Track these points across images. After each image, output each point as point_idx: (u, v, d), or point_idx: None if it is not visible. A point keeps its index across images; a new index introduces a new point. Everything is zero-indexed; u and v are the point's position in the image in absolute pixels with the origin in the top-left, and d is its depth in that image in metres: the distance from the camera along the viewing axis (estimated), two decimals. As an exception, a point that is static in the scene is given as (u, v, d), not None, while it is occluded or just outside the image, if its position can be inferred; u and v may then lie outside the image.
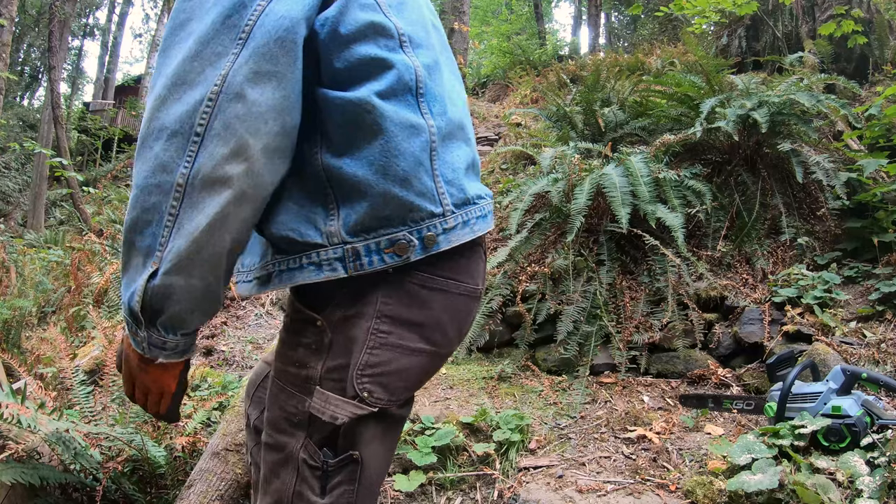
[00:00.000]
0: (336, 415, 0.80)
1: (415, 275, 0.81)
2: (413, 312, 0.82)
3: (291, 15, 0.69)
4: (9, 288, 4.58)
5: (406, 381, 0.84)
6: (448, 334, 0.86)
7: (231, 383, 2.67)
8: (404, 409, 0.90)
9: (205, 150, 0.66)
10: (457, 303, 0.85)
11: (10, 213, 15.75)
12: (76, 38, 23.11)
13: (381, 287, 0.80)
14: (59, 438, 1.58)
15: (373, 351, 0.80)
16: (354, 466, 0.83)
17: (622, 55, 6.95)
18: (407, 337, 0.82)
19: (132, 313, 0.71)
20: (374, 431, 0.84)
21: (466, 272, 0.87)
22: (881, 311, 2.48)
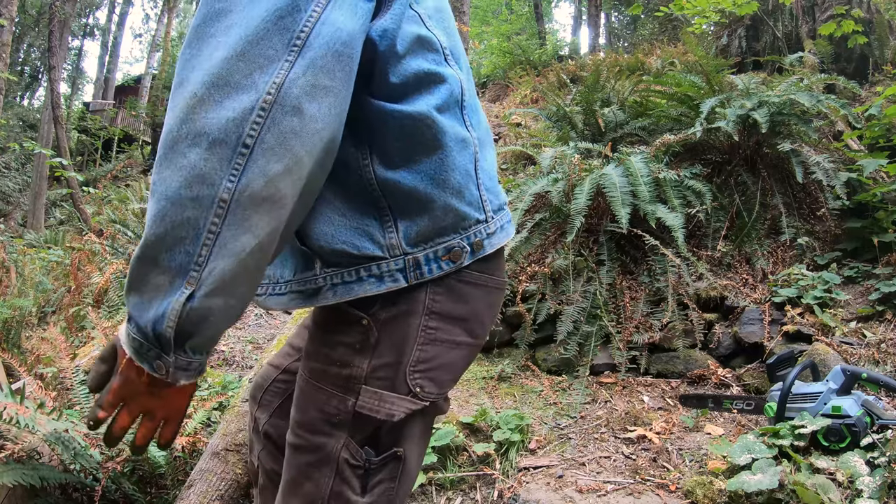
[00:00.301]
0: (392, 412, 0.80)
1: (458, 272, 0.83)
2: (458, 308, 0.84)
3: (349, 27, 0.65)
4: (9, 288, 4.58)
5: (453, 373, 0.87)
6: (486, 325, 0.90)
7: (231, 383, 2.67)
8: (444, 404, 0.93)
9: (255, 165, 0.60)
10: (492, 296, 0.89)
11: (10, 213, 15.75)
12: (76, 38, 23.12)
13: (429, 286, 0.81)
14: (59, 438, 1.58)
15: (423, 347, 0.81)
16: (397, 463, 0.84)
17: (622, 55, 6.95)
18: (453, 332, 0.84)
19: (158, 338, 0.64)
20: (419, 427, 0.86)
21: (498, 268, 0.91)
22: (881, 311, 2.48)
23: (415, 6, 0.75)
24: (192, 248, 0.61)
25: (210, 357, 0.77)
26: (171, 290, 0.62)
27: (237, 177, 0.60)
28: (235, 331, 3.64)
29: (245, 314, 3.87)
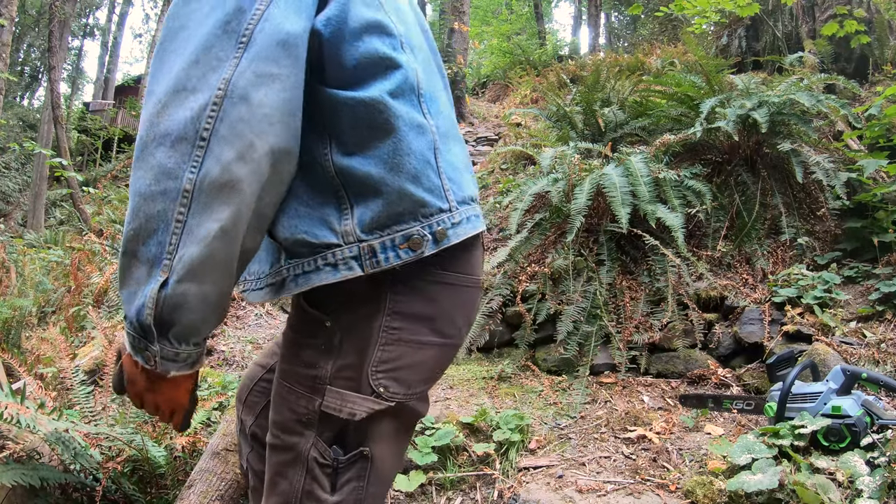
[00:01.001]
0: (354, 411, 0.81)
1: (423, 271, 0.82)
2: (423, 307, 0.83)
3: (291, 20, 0.69)
4: (9, 288, 4.58)
5: (420, 374, 0.86)
6: (458, 325, 0.89)
7: (231, 383, 2.67)
8: (421, 405, 0.91)
9: (211, 154, 0.65)
10: (463, 295, 0.88)
11: (10, 213, 15.75)
12: (76, 38, 23.12)
13: (389, 285, 0.81)
14: (59, 438, 1.58)
15: (386, 347, 0.81)
16: (364, 462, 0.84)
17: (622, 55, 6.95)
18: (418, 331, 0.83)
19: (142, 327, 0.68)
20: (388, 427, 0.86)
21: (469, 265, 0.90)
22: (881, 311, 2.48)
23: None
24: (164, 237, 0.66)
25: (204, 351, 0.77)
26: (148, 280, 0.66)
27: (197, 168, 0.65)
28: (235, 331, 3.64)
29: (245, 314, 3.87)
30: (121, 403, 1.95)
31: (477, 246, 0.93)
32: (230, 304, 0.78)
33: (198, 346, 0.74)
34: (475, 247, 0.92)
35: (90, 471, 1.65)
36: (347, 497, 0.84)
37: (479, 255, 0.94)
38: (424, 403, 0.93)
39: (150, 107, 0.67)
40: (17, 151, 17.14)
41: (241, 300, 4.00)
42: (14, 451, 1.50)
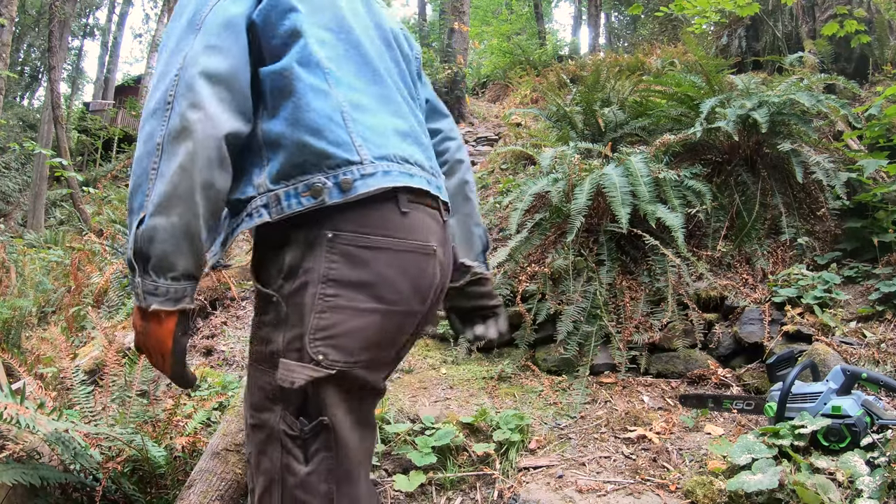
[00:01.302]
0: (293, 379, 0.85)
1: (351, 236, 0.87)
2: (357, 273, 0.87)
3: (232, 8, 0.88)
4: (9, 288, 4.58)
5: (361, 341, 0.88)
6: (401, 291, 0.90)
7: (231, 383, 2.67)
8: (372, 374, 0.92)
9: (173, 111, 0.81)
10: (403, 260, 0.91)
11: (10, 213, 15.75)
12: (76, 38, 23.11)
13: (322, 253, 0.86)
14: (59, 438, 1.58)
15: (321, 315, 0.86)
16: (328, 433, 0.88)
17: (622, 55, 6.95)
18: (355, 298, 0.87)
19: (129, 265, 0.82)
20: (340, 396, 0.89)
21: (408, 229, 0.92)
22: (881, 311, 2.48)
23: None
24: (146, 186, 0.81)
25: (187, 291, 0.82)
26: (133, 223, 0.81)
27: (165, 124, 0.82)
28: (235, 331, 3.64)
29: (245, 314, 3.87)
30: (121, 403, 1.95)
31: (420, 211, 0.96)
32: (203, 243, 0.85)
33: (176, 281, 0.82)
34: (418, 211, 0.95)
35: (90, 471, 1.65)
36: (319, 467, 0.88)
37: (424, 221, 0.96)
38: (376, 374, 0.94)
39: (148, 97, 0.86)
40: (17, 151, 17.13)
41: (241, 300, 4.00)
42: (14, 452, 1.50)
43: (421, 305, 0.95)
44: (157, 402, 1.98)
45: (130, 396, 1.93)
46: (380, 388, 0.97)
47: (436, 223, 0.99)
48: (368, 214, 0.89)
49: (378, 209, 0.90)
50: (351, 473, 0.91)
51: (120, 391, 1.97)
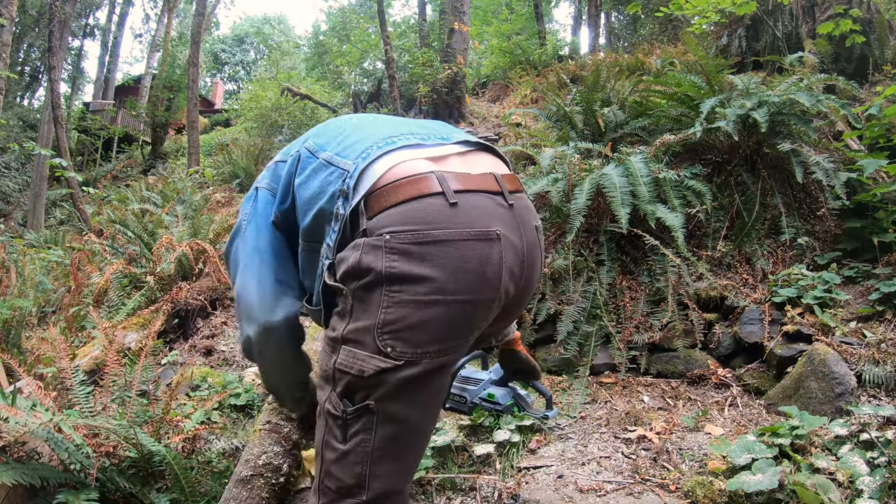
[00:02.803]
0: (363, 368, 0.93)
1: (406, 234, 0.93)
2: (417, 268, 0.91)
3: (261, 221, 1.20)
4: (9, 288, 4.58)
5: (428, 333, 0.92)
6: (463, 281, 0.93)
7: (231, 383, 2.67)
8: (444, 360, 0.96)
9: (239, 326, 1.21)
10: (462, 249, 0.93)
11: (10, 213, 15.74)
12: (76, 38, 23.08)
13: (383, 253, 0.93)
14: (51, 437, 1.58)
15: (388, 310, 0.92)
16: (370, 416, 0.94)
17: (622, 55, 6.95)
18: (417, 292, 0.91)
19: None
20: (401, 386, 0.93)
21: (462, 219, 0.95)
22: (881, 311, 2.47)
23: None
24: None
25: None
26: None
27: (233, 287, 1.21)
28: (235, 331, 3.64)
29: (245, 314, 3.86)
30: (121, 403, 1.95)
31: (472, 197, 0.98)
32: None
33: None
34: (468, 198, 0.98)
35: (89, 471, 1.64)
36: (355, 448, 0.94)
37: (477, 206, 0.98)
38: (448, 358, 0.97)
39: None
40: (17, 151, 17.12)
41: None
42: (7, 444, 1.51)
43: (492, 291, 0.97)
44: (157, 402, 1.98)
45: (130, 396, 1.93)
46: (447, 369, 1.02)
47: (497, 206, 1.01)
48: (419, 212, 0.93)
49: (427, 205, 0.94)
50: (386, 460, 0.96)
51: (120, 391, 1.97)
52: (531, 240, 1.06)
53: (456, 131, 1.17)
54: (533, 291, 1.14)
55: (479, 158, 1.11)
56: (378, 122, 1.16)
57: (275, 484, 1.72)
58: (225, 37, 34.60)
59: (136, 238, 4.35)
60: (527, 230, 1.05)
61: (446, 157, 1.06)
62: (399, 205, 0.95)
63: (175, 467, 1.69)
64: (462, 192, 0.97)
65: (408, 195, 0.95)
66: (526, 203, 1.12)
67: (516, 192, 1.10)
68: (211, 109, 21.94)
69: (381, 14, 9.65)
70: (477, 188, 1.00)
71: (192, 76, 10.37)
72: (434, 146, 1.07)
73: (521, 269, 1.03)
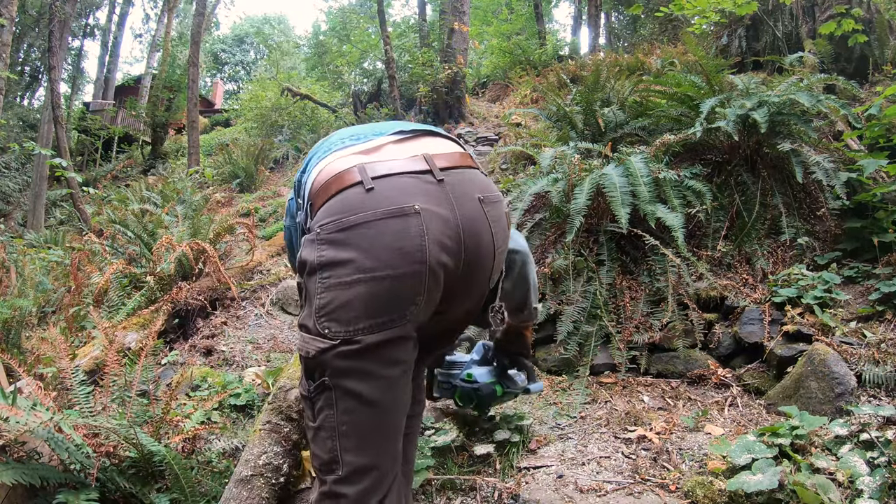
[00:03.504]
0: (308, 350, 1.02)
1: (330, 225, 1.01)
2: (339, 253, 1.00)
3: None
4: (9, 288, 4.58)
5: (356, 310, 0.99)
6: (382, 258, 0.99)
7: (231, 383, 2.67)
8: (385, 334, 1.00)
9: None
10: (375, 228, 1.00)
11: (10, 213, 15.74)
12: (76, 38, 23.06)
13: (315, 247, 1.02)
14: (51, 437, 1.58)
15: (321, 295, 1.00)
16: (329, 392, 1.01)
17: (622, 55, 6.94)
18: (341, 274, 0.99)
19: None
20: (346, 363, 0.99)
21: (377, 201, 1.01)
22: (881, 311, 2.47)
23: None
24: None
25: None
26: None
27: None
28: (235, 331, 3.64)
29: (245, 314, 3.87)
30: (121, 403, 1.95)
31: (389, 180, 1.04)
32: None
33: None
34: (386, 181, 1.04)
35: (89, 471, 1.64)
36: (323, 423, 1.02)
37: (395, 187, 1.03)
38: (389, 332, 1.01)
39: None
40: (17, 151, 17.12)
41: (241, 300, 3.99)
42: (7, 443, 1.50)
43: (416, 264, 1.00)
44: (157, 403, 1.98)
45: (130, 396, 1.93)
46: (404, 343, 1.04)
47: (422, 183, 1.06)
48: (341, 203, 1.02)
49: (347, 195, 1.03)
50: (363, 428, 1.01)
51: (120, 391, 1.97)
52: (469, 211, 1.09)
53: (402, 124, 1.22)
54: (492, 264, 1.15)
55: (415, 143, 1.16)
56: (334, 136, 1.24)
57: (275, 484, 1.72)
58: (225, 37, 34.60)
59: (136, 238, 4.35)
60: (463, 202, 1.08)
61: (379, 147, 1.13)
62: (328, 201, 1.04)
63: (175, 467, 1.69)
64: (382, 178, 1.04)
65: (333, 190, 1.04)
66: (467, 177, 1.15)
67: (454, 168, 1.13)
68: (211, 109, 21.94)
69: (381, 14, 9.65)
70: (401, 171, 1.06)
71: (192, 76, 10.37)
72: (366, 141, 1.14)
73: (458, 241, 1.06)
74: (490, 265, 1.15)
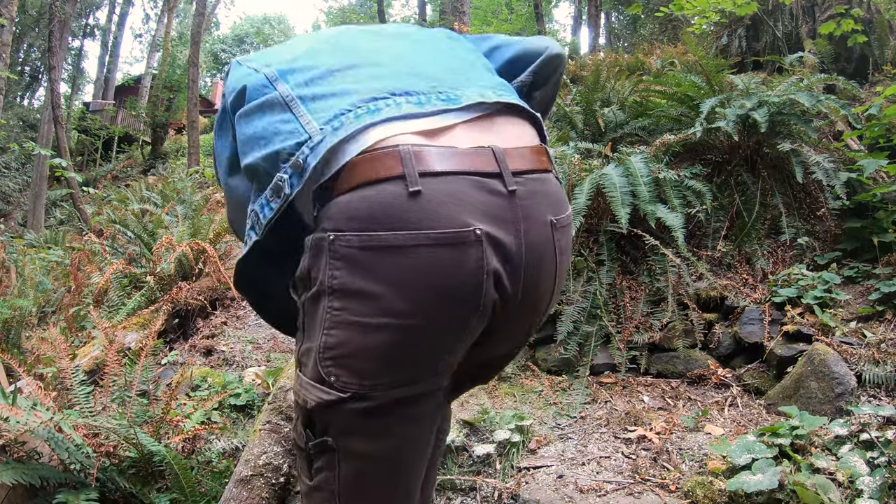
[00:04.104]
0: (307, 399, 0.78)
1: (351, 237, 0.71)
2: (363, 282, 0.71)
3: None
4: (9, 288, 4.58)
5: (373, 361, 0.73)
6: (421, 302, 0.72)
7: (231, 383, 2.67)
8: (396, 392, 0.76)
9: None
10: (417, 260, 0.70)
11: (10, 213, 15.75)
12: (76, 38, 23.07)
13: (328, 259, 0.73)
14: (52, 437, 1.58)
15: (330, 332, 0.74)
16: (332, 454, 0.79)
17: (622, 55, 6.94)
18: (361, 311, 0.72)
19: None
20: (356, 421, 0.76)
21: (422, 215, 0.71)
22: (881, 311, 2.47)
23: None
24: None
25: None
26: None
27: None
28: (235, 331, 3.64)
29: (245, 314, 3.87)
30: (121, 403, 1.95)
31: (442, 182, 0.73)
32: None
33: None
34: (437, 182, 0.72)
35: (89, 471, 1.65)
36: (322, 484, 0.81)
37: (449, 195, 0.72)
38: (413, 389, 0.77)
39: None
40: (17, 151, 17.13)
41: (241, 300, 4.00)
42: (7, 443, 1.51)
43: (465, 311, 0.74)
44: (157, 402, 1.98)
45: (130, 396, 1.93)
46: (432, 397, 0.81)
47: (485, 193, 0.74)
48: (369, 203, 0.71)
49: (380, 193, 0.71)
50: (366, 497, 0.82)
51: (120, 391, 1.97)
52: (537, 238, 0.80)
53: (474, 83, 0.86)
54: (547, 302, 0.89)
55: (485, 125, 0.82)
56: (376, 56, 0.87)
57: (275, 484, 1.72)
58: (225, 37, 34.62)
59: (136, 238, 4.35)
60: (532, 226, 0.78)
61: (449, 127, 0.79)
62: (352, 190, 0.73)
63: (175, 467, 1.69)
64: (433, 175, 0.72)
65: (362, 177, 0.72)
66: (542, 187, 0.83)
67: (529, 173, 0.81)
68: (211, 109, 21.94)
69: (381, 14, 9.67)
70: (459, 169, 0.74)
71: (192, 76, 10.38)
72: (433, 115, 0.78)
73: (517, 278, 0.78)
74: (545, 307, 0.90)
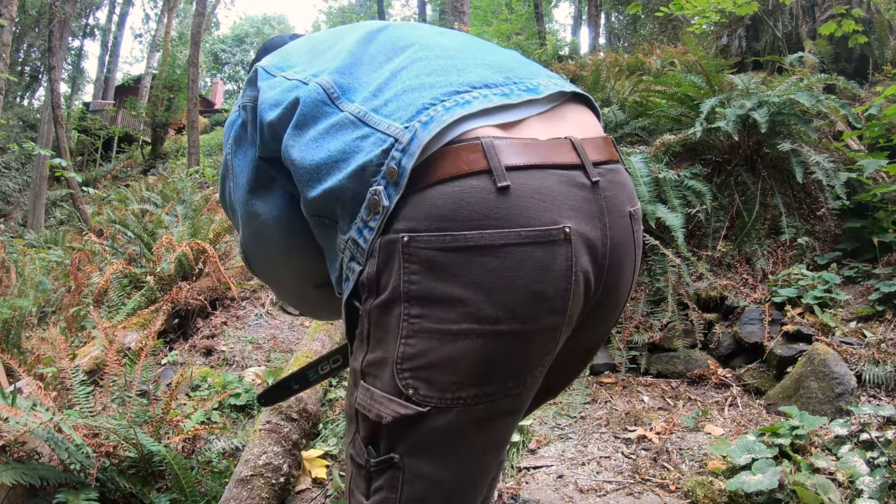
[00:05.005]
0: (381, 413, 0.71)
1: (430, 237, 0.65)
2: (444, 286, 0.66)
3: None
4: (9, 288, 4.58)
5: (459, 373, 0.68)
6: (511, 305, 0.66)
7: (231, 383, 2.67)
8: (479, 408, 0.71)
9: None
10: (508, 259, 0.65)
11: (10, 213, 15.75)
12: (76, 38, 23.07)
13: (400, 264, 0.67)
14: (51, 437, 1.59)
15: (408, 341, 0.68)
16: (395, 472, 0.73)
17: (622, 55, 6.94)
18: (444, 318, 0.66)
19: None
20: (429, 439, 0.71)
21: (512, 212, 0.65)
22: (881, 311, 2.47)
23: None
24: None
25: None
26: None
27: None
28: (235, 331, 3.64)
29: (245, 314, 3.87)
30: (121, 403, 1.95)
31: (531, 176, 0.68)
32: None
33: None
34: (526, 177, 0.67)
35: (89, 471, 1.65)
36: None
37: (538, 190, 0.67)
38: (496, 406, 0.72)
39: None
40: (17, 151, 17.13)
41: (241, 300, 4.00)
42: (7, 444, 1.51)
43: (555, 315, 0.69)
44: (157, 403, 1.98)
45: (130, 396, 1.93)
46: (513, 417, 0.76)
47: (570, 186, 0.70)
48: (452, 200, 0.65)
49: (464, 190, 0.65)
50: None
51: (120, 391, 1.97)
52: (620, 232, 0.75)
53: (539, 73, 0.81)
54: (625, 300, 0.84)
55: (557, 115, 0.77)
56: (433, 50, 0.80)
57: (275, 484, 1.72)
58: (225, 37, 34.65)
59: (136, 238, 4.35)
60: (614, 219, 0.74)
61: (524, 119, 0.73)
62: (430, 187, 0.66)
63: (175, 467, 1.69)
64: (519, 169, 0.67)
65: (443, 173, 0.66)
66: (619, 178, 0.78)
67: (606, 164, 0.76)
68: (211, 109, 21.96)
69: (381, 14, 9.67)
70: (543, 162, 0.69)
71: (192, 76, 10.38)
72: (518, 107, 0.73)
73: (599, 278, 0.73)
74: (623, 304, 0.85)
